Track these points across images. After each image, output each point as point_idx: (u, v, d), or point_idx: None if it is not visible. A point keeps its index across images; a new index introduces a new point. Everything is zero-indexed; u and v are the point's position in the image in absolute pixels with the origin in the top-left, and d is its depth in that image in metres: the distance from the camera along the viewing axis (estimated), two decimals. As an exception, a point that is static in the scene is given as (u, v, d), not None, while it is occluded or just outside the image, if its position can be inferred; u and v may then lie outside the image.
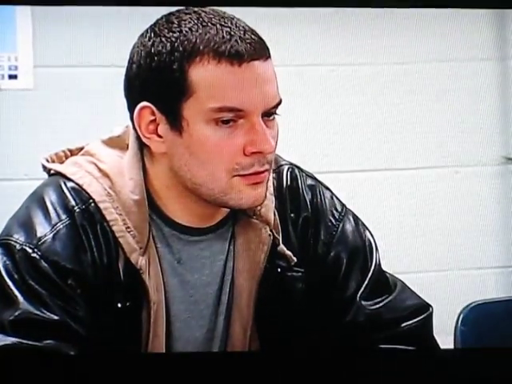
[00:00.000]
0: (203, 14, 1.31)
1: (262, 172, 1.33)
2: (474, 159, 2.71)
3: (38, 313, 1.29)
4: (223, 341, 1.43)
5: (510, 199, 2.67)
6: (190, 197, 1.36)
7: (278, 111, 1.35)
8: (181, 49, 1.29)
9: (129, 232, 1.34)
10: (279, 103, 1.33)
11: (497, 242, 2.67)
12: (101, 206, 1.34)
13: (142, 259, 1.34)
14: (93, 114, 2.40)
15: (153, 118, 1.32)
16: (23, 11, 2.44)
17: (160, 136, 1.33)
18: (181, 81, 1.29)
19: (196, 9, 1.33)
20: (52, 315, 1.29)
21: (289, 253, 1.43)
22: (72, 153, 1.45)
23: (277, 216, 1.43)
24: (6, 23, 2.45)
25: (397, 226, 2.62)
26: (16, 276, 1.30)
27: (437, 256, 2.66)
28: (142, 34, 1.34)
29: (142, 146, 1.38)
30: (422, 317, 1.47)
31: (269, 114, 1.33)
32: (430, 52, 2.60)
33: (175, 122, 1.31)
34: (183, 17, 1.32)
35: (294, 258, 1.43)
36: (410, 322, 1.45)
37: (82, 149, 1.44)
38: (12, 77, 2.50)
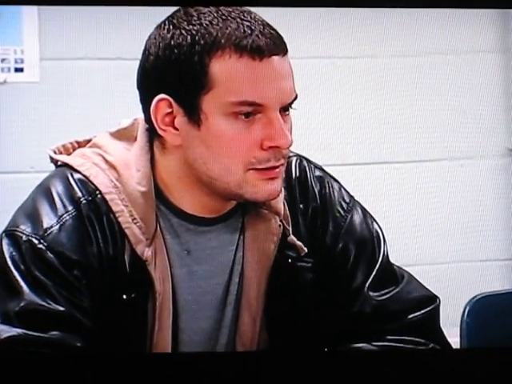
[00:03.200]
0: (222, 8, 1.32)
1: (278, 167, 1.34)
2: (478, 151, 2.71)
3: (43, 304, 1.29)
4: (232, 331, 1.43)
5: (514, 191, 2.67)
6: (201, 188, 1.36)
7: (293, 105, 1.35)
8: (202, 42, 1.29)
9: (135, 223, 1.34)
10: (295, 98, 1.34)
11: (501, 234, 2.67)
12: (107, 197, 1.34)
13: (148, 250, 1.34)
14: (98, 107, 2.40)
15: (169, 110, 1.32)
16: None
17: (176, 128, 1.33)
18: (201, 74, 1.29)
19: None
20: (57, 306, 1.29)
21: (299, 243, 1.43)
22: (80, 145, 1.45)
23: (286, 206, 1.44)
24: (12, 17, 2.46)
25: (400, 219, 2.62)
26: (22, 267, 1.30)
27: (441, 249, 2.66)
28: (160, 26, 1.34)
29: (152, 138, 1.38)
30: (428, 308, 1.46)
31: (285, 108, 1.33)
32: (432, 44, 2.59)
33: (193, 114, 1.31)
34: (202, 10, 1.32)
35: (305, 249, 1.43)
36: (417, 313, 1.45)
37: (89, 141, 1.44)
38: (18, 70, 2.50)
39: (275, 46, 1.30)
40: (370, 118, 2.62)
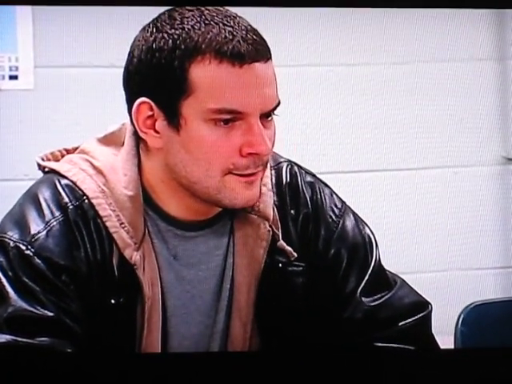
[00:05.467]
0: (206, 12, 1.31)
1: (256, 173, 1.34)
2: (473, 159, 2.71)
3: (31, 309, 1.29)
4: (223, 337, 1.42)
5: (509, 199, 2.66)
6: (184, 192, 1.35)
7: (276, 111, 1.34)
8: (182, 46, 1.28)
9: (123, 228, 1.34)
10: (278, 105, 1.33)
11: (496, 242, 2.67)
12: (94, 202, 1.34)
13: (137, 254, 1.34)
14: (93, 115, 2.40)
15: (151, 113, 1.32)
16: (24, 12, 2.45)
17: (157, 131, 1.33)
18: (181, 79, 1.29)
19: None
20: (46, 312, 1.29)
21: (289, 248, 1.42)
22: (68, 152, 1.45)
23: (276, 212, 1.43)
24: (6, 24, 2.46)
25: (396, 226, 2.62)
26: (10, 273, 1.30)
27: (436, 256, 2.66)
28: (144, 28, 1.34)
29: (139, 142, 1.38)
30: (420, 315, 1.46)
31: (267, 115, 1.33)
32: (428, 52, 2.60)
33: (173, 119, 1.31)
34: (186, 13, 1.31)
35: (295, 254, 1.43)
36: (409, 319, 1.45)
37: (77, 148, 1.44)
38: (12, 77, 2.50)
39: (257, 52, 1.29)
40: (365, 126, 2.63)
